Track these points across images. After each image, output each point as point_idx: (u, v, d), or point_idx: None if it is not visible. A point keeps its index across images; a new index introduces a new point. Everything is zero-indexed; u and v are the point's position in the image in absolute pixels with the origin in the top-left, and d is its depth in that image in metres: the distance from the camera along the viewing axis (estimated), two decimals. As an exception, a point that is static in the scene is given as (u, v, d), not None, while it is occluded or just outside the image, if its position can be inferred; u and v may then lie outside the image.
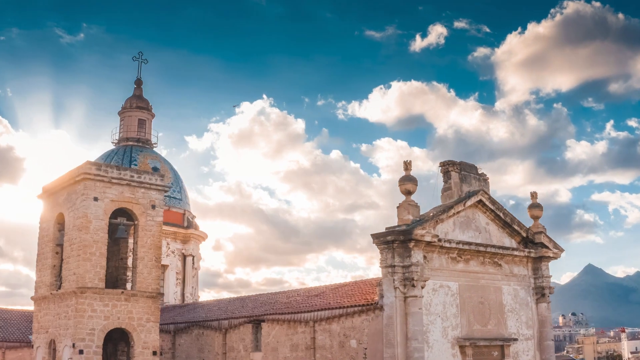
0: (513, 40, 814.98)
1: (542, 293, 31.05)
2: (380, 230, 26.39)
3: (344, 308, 27.34)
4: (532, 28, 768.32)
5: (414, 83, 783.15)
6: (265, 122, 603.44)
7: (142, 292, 30.35)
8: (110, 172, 30.29)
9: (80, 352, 28.30)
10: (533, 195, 32.27)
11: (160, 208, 31.77)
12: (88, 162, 29.97)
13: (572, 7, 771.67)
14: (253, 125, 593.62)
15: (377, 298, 26.32)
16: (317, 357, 28.20)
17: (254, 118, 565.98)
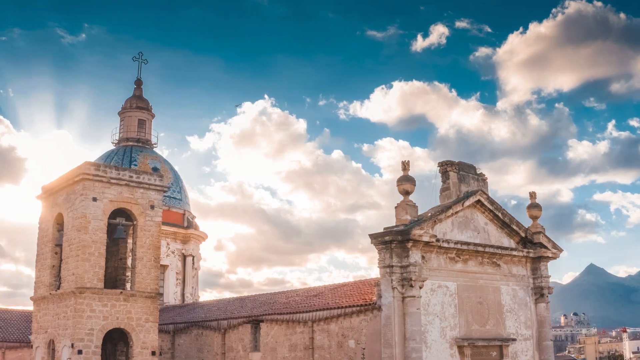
0: (514, 40, 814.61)
1: (541, 293, 31.02)
2: (381, 231, 26.43)
3: (342, 308, 27.36)
4: (533, 28, 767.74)
5: (416, 83, 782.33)
6: (267, 122, 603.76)
7: (141, 292, 30.40)
8: (109, 172, 30.34)
9: (79, 352, 28.36)
10: (532, 195, 32.23)
11: (159, 208, 31.82)
12: (87, 162, 30.04)
13: (573, 6, 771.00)
14: (254, 125, 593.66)
15: (375, 298, 26.33)
16: (315, 357, 28.22)
17: (256, 118, 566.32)
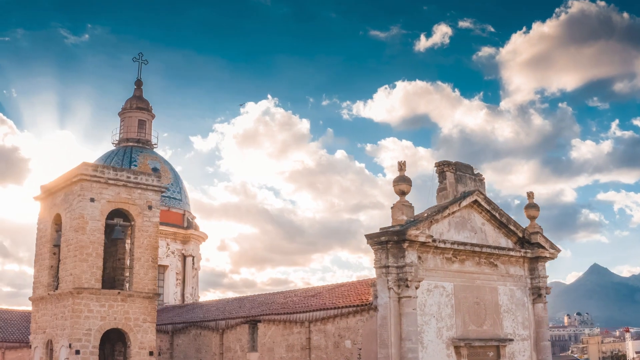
0: (518, 40, 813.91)
1: (538, 293, 30.98)
2: (377, 231, 26.41)
3: (339, 308, 27.37)
4: (536, 27, 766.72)
5: (419, 83, 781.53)
6: (270, 122, 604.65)
7: (138, 292, 30.45)
8: (107, 173, 30.41)
9: (77, 352, 28.42)
10: (530, 196, 32.20)
11: (157, 209, 31.87)
12: (84, 163, 30.11)
13: (576, 6, 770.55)
14: (258, 126, 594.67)
15: (371, 299, 26.34)
16: (312, 357, 28.24)
17: (259, 118, 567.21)
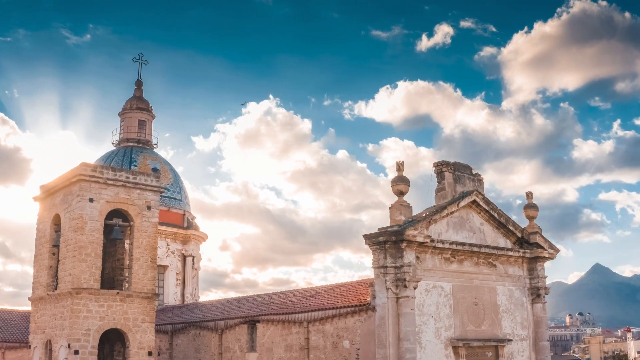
0: (519, 40, 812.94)
1: (537, 293, 30.97)
2: (375, 231, 26.41)
3: (337, 309, 27.38)
4: (538, 27, 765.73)
5: (421, 83, 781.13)
6: (272, 122, 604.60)
7: (137, 292, 30.47)
8: (106, 173, 30.44)
9: (76, 352, 28.45)
10: (528, 196, 32.19)
11: (156, 209, 31.89)
12: (83, 163, 30.14)
13: (578, 6, 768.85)
14: (259, 126, 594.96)
15: (369, 299, 26.35)
16: (310, 357, 28.25)
17: (261, 118, 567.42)
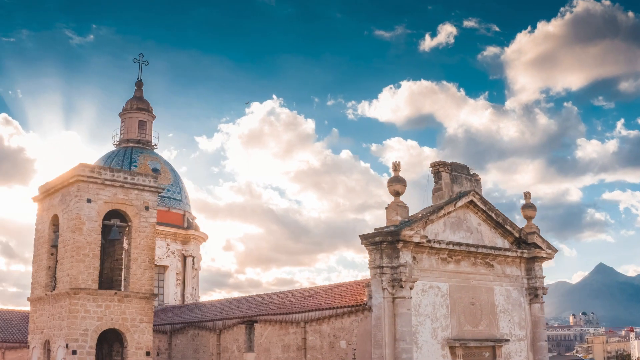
0: (523, 39, 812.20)
1: (535, 294, 30.94)
2: (372, 232, 26.41)
3: (334, 309, 27.40)
4: (541, 27, 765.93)
5: (424, 82, 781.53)
6: (275, 122, 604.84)
7: (135, 293, 30.52)
8: (104, 174, 30.50)
9: (74, 352, 28.52)
10: (526, 196, 32.13)
11: (154, 209, 31.94)
12: (81, 164, 30.21)
13: (581, 5, 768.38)
14: (263, 126, 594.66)
15: (366, 299, 26.36)
16: (307, 357, 28.27)
17: (264, 118, 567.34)
